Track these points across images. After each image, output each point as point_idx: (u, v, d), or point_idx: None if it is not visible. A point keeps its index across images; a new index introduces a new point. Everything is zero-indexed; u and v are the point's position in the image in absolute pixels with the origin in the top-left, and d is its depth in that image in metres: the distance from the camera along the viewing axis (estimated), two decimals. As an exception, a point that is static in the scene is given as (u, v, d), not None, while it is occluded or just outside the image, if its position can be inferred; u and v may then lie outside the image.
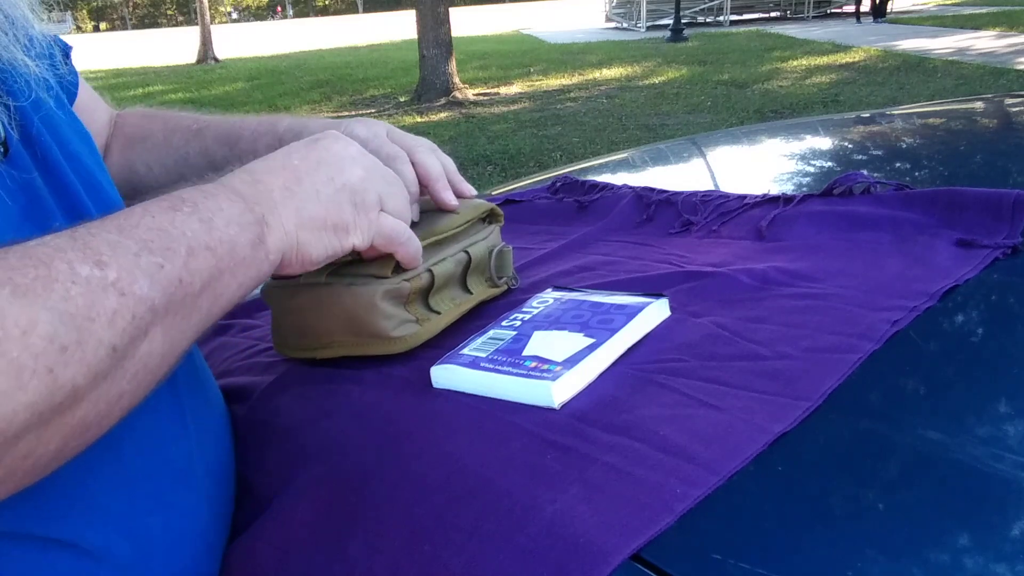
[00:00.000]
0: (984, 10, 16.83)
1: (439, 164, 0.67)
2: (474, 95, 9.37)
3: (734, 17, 19.89)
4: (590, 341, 0.57)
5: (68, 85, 0.64)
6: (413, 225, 0.63)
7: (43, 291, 0.36)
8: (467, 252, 0.69)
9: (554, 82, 10.40)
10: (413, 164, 0.65)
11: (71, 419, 0.37)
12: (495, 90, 9.91)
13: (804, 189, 0.91)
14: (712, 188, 0.95)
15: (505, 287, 0.74)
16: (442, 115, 8.27)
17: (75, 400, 0.36)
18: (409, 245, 0.59)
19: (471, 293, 0.70)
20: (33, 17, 0.51)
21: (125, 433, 0.46)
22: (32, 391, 0.34)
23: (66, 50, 0.63)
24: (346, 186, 0.54)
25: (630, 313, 0.61)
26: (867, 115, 1.41)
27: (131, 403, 0.41)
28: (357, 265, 0.62)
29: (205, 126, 0.74)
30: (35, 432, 0.35)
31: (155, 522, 0.47)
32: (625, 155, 1.35)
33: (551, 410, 0.52)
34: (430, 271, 0.64)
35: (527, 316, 0.64)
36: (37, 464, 0.36)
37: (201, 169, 0.72)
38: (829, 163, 1.11)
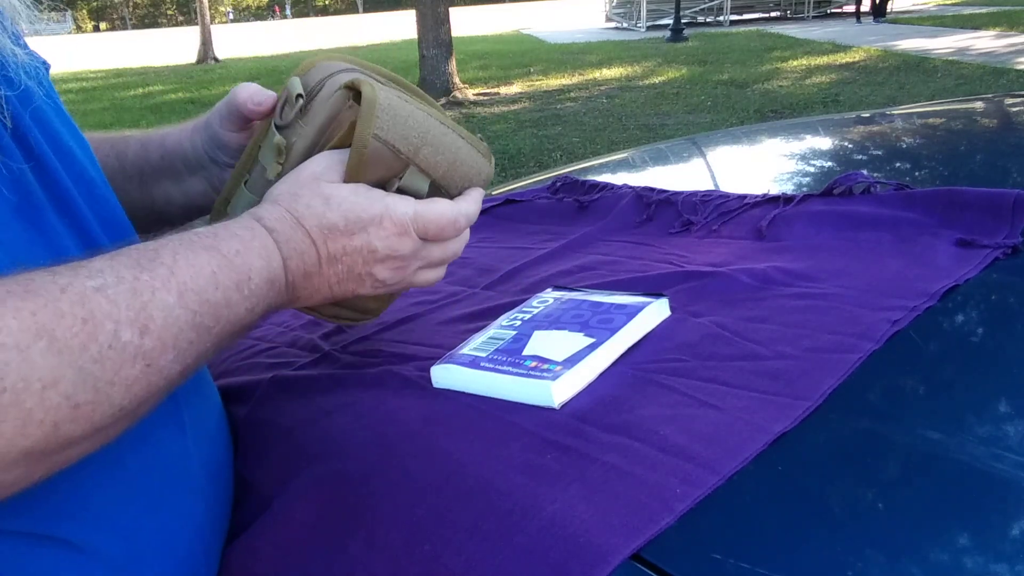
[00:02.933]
0: (984, 10, 16.83)
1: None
2: (474, 95, 9.37)
3: (734, 17, 19.88)
4: (590, 341, 0.57)
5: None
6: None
7: (79, 350, 0.37)
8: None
9: (554, 82, 10.39)
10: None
11: (58, 460, 0.38)
12: (495, 90, 9.91)
13: (804, 189, 0.91)
14: (712, 188, 0.95)
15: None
16: (442, 115, 8.25)
17: (68, 446, 0.38)
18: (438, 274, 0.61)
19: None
20: (32, 29, 0.51)
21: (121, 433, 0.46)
22: (32, 439, 0.35)
23: (46, 65, 0.62)
24: (355, 292, 0.57)
25: (630, 313, 0.61)
26: (867, 115, 1.41)
27: (106, 442, 0.42)
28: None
29: (131, 136, 0.73)
30: (22, 468, 0.36)
31: (149, 521, 0.47)
32: (625, 155, 1.34)
33: (551, 410, 0.52)
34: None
35: (527, 316, 0.64)
36: (13, 487, 0.37)
37: (114, 172, 0.69)
38: (829, 163, 1.11)
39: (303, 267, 0.52)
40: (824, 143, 1.25)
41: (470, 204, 0.59)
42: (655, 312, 0.62)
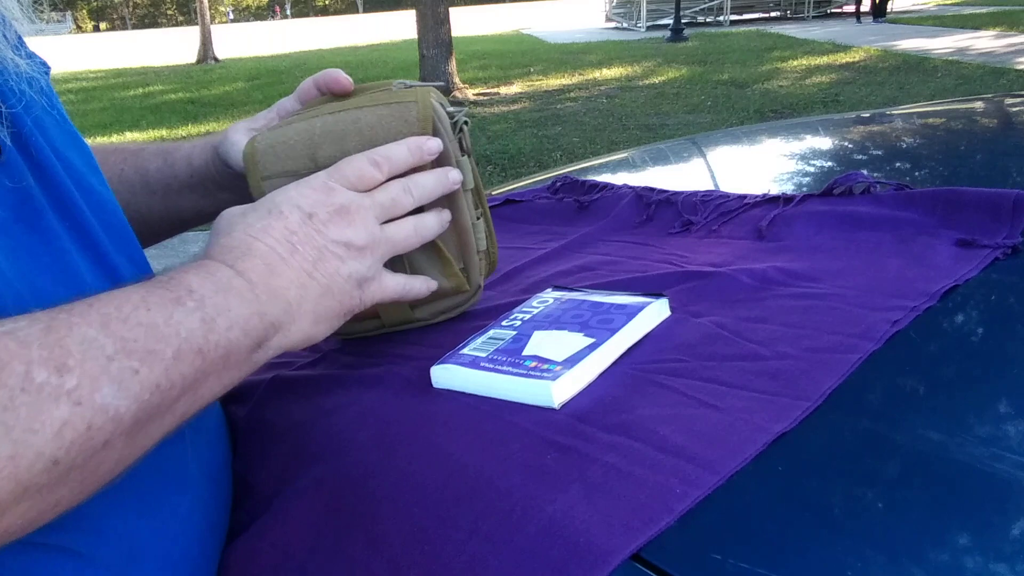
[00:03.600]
0: (984, 10, 16.83)
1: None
2: (474, 95, 9.37)
3: (734, 17, 19.89)
4: (590, 341, 0.57)
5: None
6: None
7: None
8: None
9: (554, 82, 10.39)
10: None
11: None
12: (495, 90, 9.91)
13: (804, 189, 0.91)
14: (712, 188, 0.95)
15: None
16: (442, 115, 8.25)
17: None
18: (411, 292, 0.61)
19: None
20: (23, 18, 0.51)
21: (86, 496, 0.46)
22: None
23: (46, 67, 0.62)
24: (352, 275, 0.54)
25: (630, 313, 0.61)
26: (867, 115, 1.41)
27: (69, 507, 0.39)
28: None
29: (144, 148, 0.75)
30: None
31: (147, 525, 0.47)
32: (625, 155, 1.34)
33: (551, 410, 0.52)
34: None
35: (527, 316, 0.64)
36: None
37: (134, 186, 0.72)
38: (829, 163, 1.11)
39: (262, 264, 0.49)
40: (824, 143, 1.25)
41: (388, 146, 0.59)
42: (655, 312, 0.62)
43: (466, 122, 0.64)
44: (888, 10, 16.72)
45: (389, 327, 0.69)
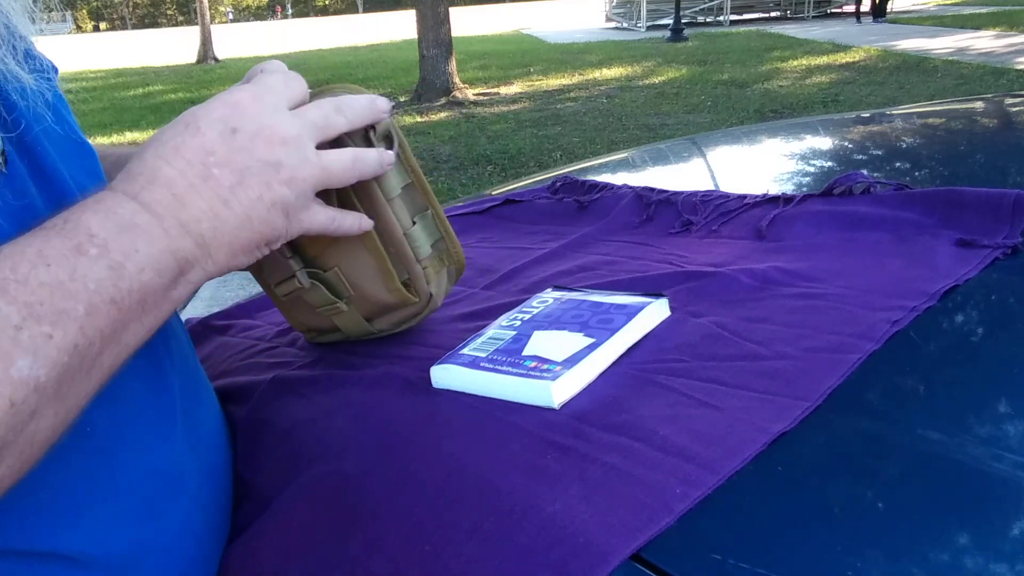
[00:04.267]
0: (984, 10, 16.83)
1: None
2: (474, 95, 9.37)
3: (734, 17, 19.89)
4: (590, 341, 0.57)
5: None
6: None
7: None
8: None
9: (554, 82, 10.39)
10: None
11: None
12: (495, 90, 9.91)
13: (804, 189, 0.91)
14: (712, 188, 0.95)
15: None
16: (442, 115, 8.27)
17: None
18: (341, 227, 0.54)
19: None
20: (34, 30, 0.50)
21: (115, 443, 0.46)
22: None
23: (55, 70, 0.61)
24: (277, 201, 0.47)
25: (630, 313, 0.61)
26: (867, 115, 1.41)
27: (13, 481, 0.37)
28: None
29: (110, 152, 0.69)
30: None
31: (146, 529, 0.47)
32: (625, 155, 1.35)
33: (551, 410, 0.52)
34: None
35: (527, 316, 0.64)
36: None
37: None
38: (829, 163, 1.11)
39: (169, 194, 0.44)
40: (824, 143, 1.25)
41: (348, 97, 0.54)
42: (655, 312, 0.62)
43: (372, 128, 0.58)
44: (888, 10, 16.72)
45: (352, 337, 0.69)
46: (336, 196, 0.57)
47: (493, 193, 1.14)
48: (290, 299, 0.66)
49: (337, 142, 0.54)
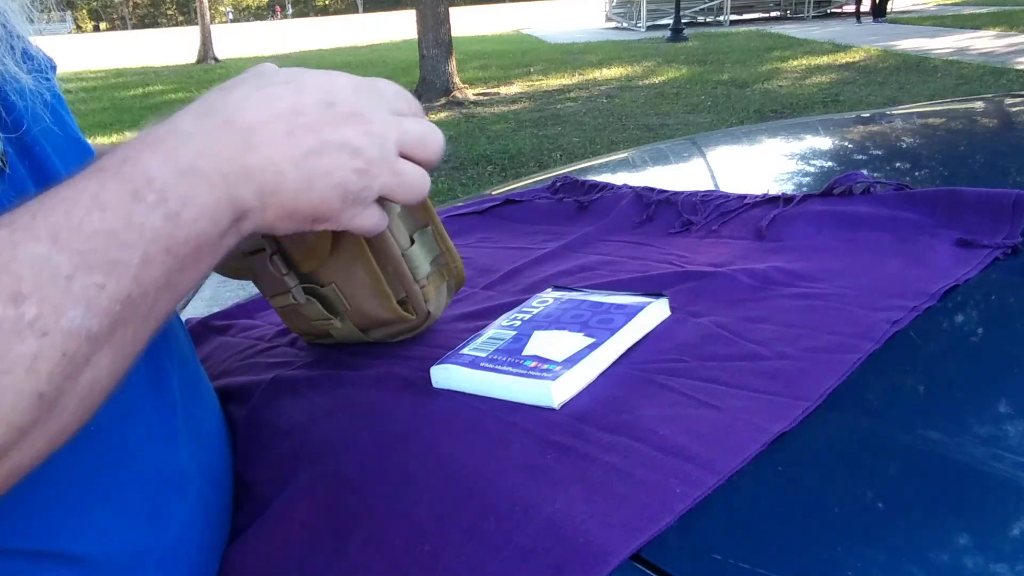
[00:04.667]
0: (984, 10, 16.83)
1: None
2: (474, 95, 9.37)
3: (734, 17, 19.88)
4: (590, 341, 0.57)
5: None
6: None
7: None
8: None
9: (554, 82, 10.39)
10: None
11: None
12: (495, 90, 9.91)
13: (804, 189, 0.91)
14: (712, 188, 0.95)
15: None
16: (442, 115, 8.26)
17: None
18: (423, 187, 0.50)
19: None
20: (32, 30, 0.50)
21: (116, 443, 0.46)
22: None
23: (53, 66, 0.61)
24: (342, 184, 0.46)
25: (630, 313, 0.61)
26: (867, 115, 1.41)
27: (81, 425, 0.37)
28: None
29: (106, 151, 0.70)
30: None
31: (147, 529, 0.47)
32: (625, 155, 1.35)
33: (551, 410, 0.52)
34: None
35: (527, 316, 0.64)
36: None
37: None
38: (829, 163, 1.11)
39: (241, 139, 0.42)
40: (824, 143, 1.25)
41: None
42: (655, 312, 0.62)
43: None
44: (888, 10, 16.72)
45: (348, 343, 0.69)
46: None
47: (493, 193, 1.14)
48: (285, 310, 0.66)
49: None
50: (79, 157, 0.52)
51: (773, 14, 20.35)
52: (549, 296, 0.68)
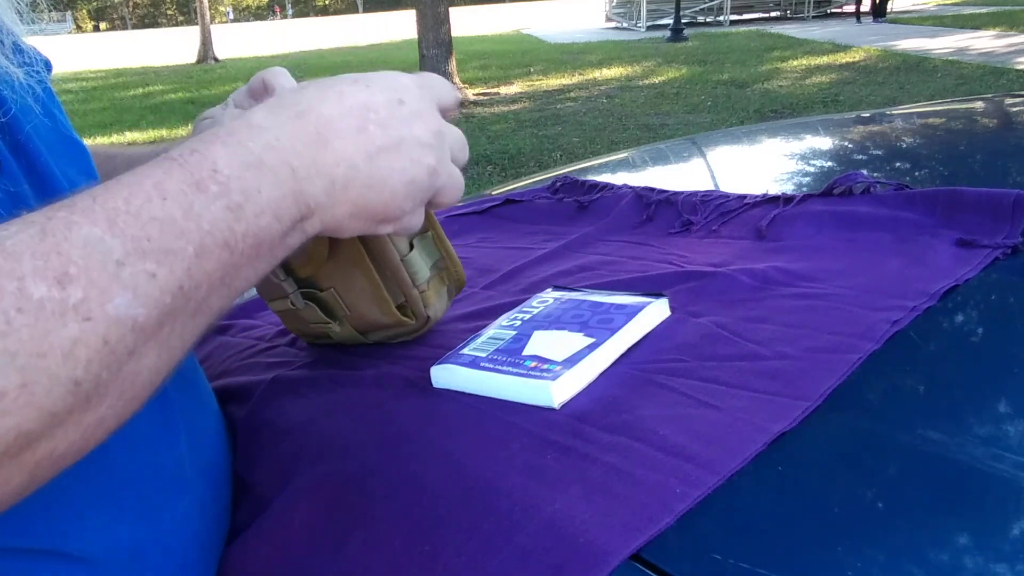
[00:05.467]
0: (984, 10, 16.83)
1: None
2: (474, 95, 9.37)
3: (734, 17, 19.89)
4: (590, 341, 0.57)
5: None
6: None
7: None
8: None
9: (554, 82, 10.39)
10: None
11: (28, 459, 0.32)
12: (495, 90, 9.91)
13: (804, 189, 0.91)
14: (712, 188, 0.95)
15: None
16: (442, 115, 8.26)
17: (26, 445, 0.31)
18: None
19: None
20: (24, 27, 0.49)
21: (111, 440, 0.46)
22: None
23: (48, 65, 0.59)
24: (415, 181, 0.45)
25: (630, 313, 0.61)
26: (867, 115, 1.41)
27: (120, 421, 0.36)
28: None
29: (142, 153, 0.69)
30: None
31: (145, 527, 0.47)
32: (625, 155, 1.35)
33: (551, 410, 0.52)
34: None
35: (527, 316, 0.64)
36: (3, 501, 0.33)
37: None
38: (829, 163, 1.11)
39: (314, 131, 0.42)
40: (824, 143, 1.25)
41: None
42: (655, 312, 0.62)
43: None
44: (888, 10, 16.72)
45: (343, 343, 0.69)
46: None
47: (493, 193, 1.14)
48: (284, 313, 0.66)
49: None
50: (70, 154, 0.52)
51: (773, 14, 20.35)
52: (549, 296, 0.68)
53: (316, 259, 0.60)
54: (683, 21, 15.98)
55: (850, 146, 1.21)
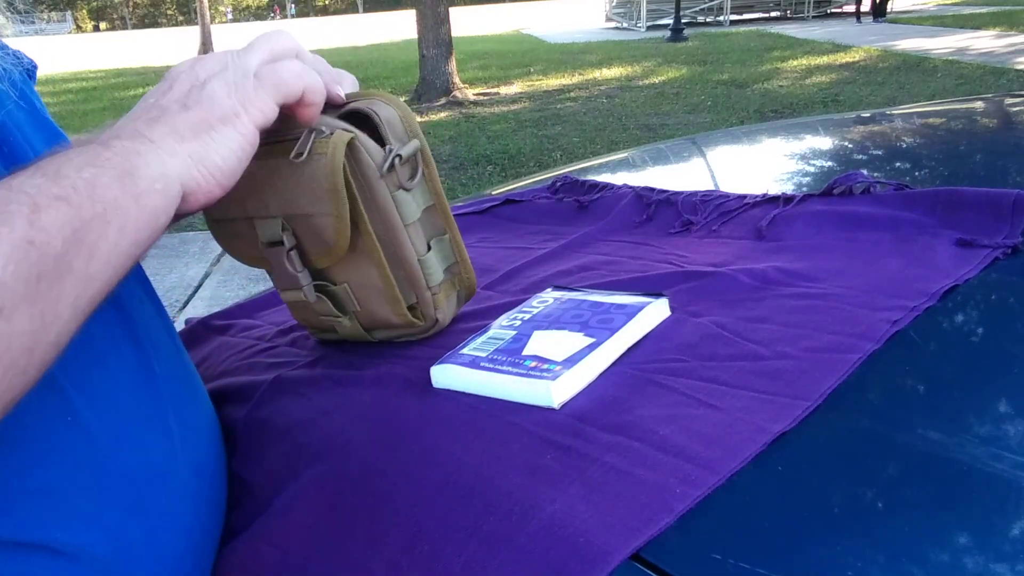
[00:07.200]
0: (984, 10, 16.83)
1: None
2: (474, 95, 9.37)
3: (734, 17, 19.88)
4: (590, 341, 0.57)
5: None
6: None
7: None
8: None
9: (554, 82, 10.39)
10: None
11: None
12: (495, 90, 9.90)
13: (804, 189, 0.91)
14: (712, 188, 0.95)
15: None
16: (442, 115, 8.26)
17: None
18: (309, 78, 0.53)
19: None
20: (24, 29, 0.50)
21: (101, 433, 0.46)
22: None
23: (31, 68, 0.59)
24: (208, 80, 0.49)
25: (630, 313, 0.61)
26: (867, 115, 1.41)
27: (8, 388, 0.36)
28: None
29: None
30: None
31: (135, 523, 0.47)
32: (625, 155, 1.35)
33: (551, 410, 0.52)
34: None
35: (527, 316, 0.64)
36: None
37: None
38: (829, 163, 1.11)
39: (142, 117, 0.48)
40: (824, 143, 1.25)
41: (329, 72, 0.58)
42: (655, 312, 0.62)
43: (399, 155, 0.58)
44: (888, 10, 16.72)
45: (346, 339, 0.69)
46: (351, 219, 0.57)
47: (493, 193, 1.14)
48: (295, 303, 0.67)
49: (356, 150, 0.56)
50: (52, 143, 0.52)
51: (773, 14, 20.34)
52: (549, 296, 0.68)
53: (336, 252, 0.60)
54: (683, 21, 15.98)
55: (850, 146, 1.21)
